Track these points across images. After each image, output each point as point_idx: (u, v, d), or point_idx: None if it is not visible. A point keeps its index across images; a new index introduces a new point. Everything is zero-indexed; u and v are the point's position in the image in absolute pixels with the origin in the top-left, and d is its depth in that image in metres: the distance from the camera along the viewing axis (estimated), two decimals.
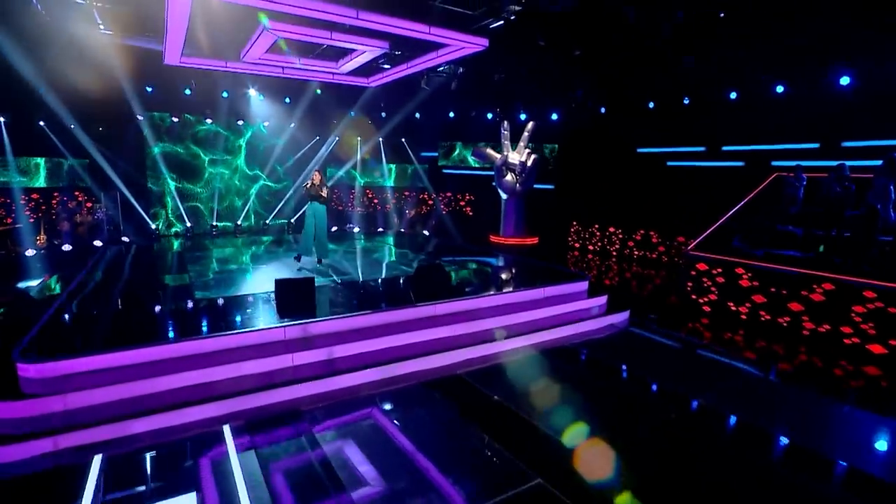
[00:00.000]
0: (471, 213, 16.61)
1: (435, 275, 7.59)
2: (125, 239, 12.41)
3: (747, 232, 9.35)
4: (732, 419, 4.93)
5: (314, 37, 7.82)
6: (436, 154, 16.80)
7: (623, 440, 4.44)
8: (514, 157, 13.48)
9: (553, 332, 6.95)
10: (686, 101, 12.04)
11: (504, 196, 13.74)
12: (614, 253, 13.17)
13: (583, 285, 8.31)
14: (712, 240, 9.20)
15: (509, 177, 13.54)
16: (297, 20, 7.44)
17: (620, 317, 7.68)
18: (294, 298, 6.47)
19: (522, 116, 14.78)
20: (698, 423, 4.84)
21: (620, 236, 13.17)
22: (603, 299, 8.05)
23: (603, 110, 13.68)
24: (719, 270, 8.49)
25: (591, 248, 13.62)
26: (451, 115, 15.52)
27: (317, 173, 8.80)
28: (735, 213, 9.85)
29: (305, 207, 8.95)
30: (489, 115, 15.30)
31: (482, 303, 7.30)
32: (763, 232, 9.24)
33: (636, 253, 12.74)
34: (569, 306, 7.68)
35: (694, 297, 8.75)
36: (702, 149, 12.38)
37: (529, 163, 13.28)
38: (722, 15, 8.35)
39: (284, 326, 5.93)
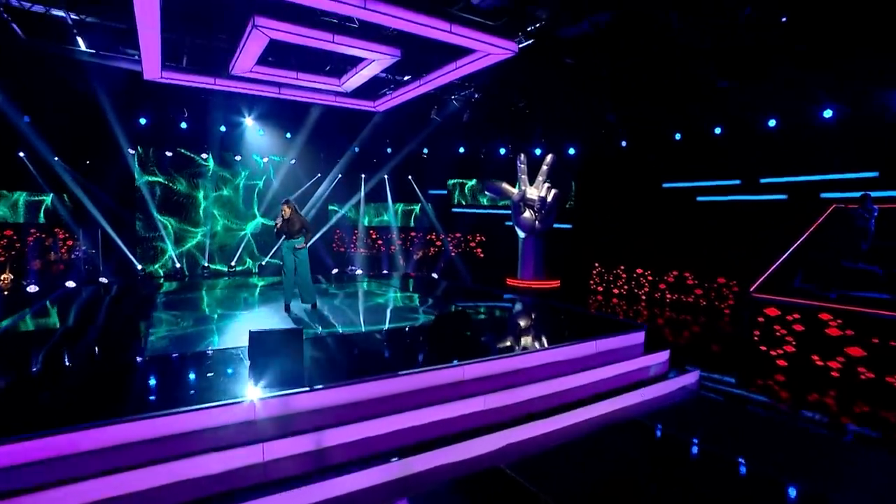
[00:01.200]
0: (482, 255, 14.93)
1: (458, 325, 5.74)
2: (103, 280, 10.59)
3: (811, 271, 7.64)
4: None
5: (313, 38, 6.28)
6: (444, 192, 15.34)
7: None
8: (533, 193, 11.90)
9: (615, 402, 5.04)
10: (718, 131, 10.53)
11: (522, 235, 12.09)
12: (643, 297, 11.37)
13: (638, 337, 6.43)
14: (769, 280, 7.47)
15: (528, 214, 11.91)
16: (292, 16, 5.91)
17: (690, 377, 5.77)
18: (273, 358, 4.59)
19: (538, 151, 13.31)
20: None
21: (650, 278, 11.39)
22: (664, 355, 6.16)
23: (624, 144, 12.17)
24: (796, 316, 6.67)
25: (616, 290, 11.84)
26: (461, 150, 14.04)
27: (286, 206, 7.09)
28: (793, 250, 8.12)
29: (280, 246, 7.19)
30: (502, 151, 13.80)
31: (521, 362, 5.42)
32: (833, 270, 7.53)
33: (669, 296, 10.94)
34: (628, 365, 5.78)
35: (765, 347, 6.89)
36: (737, 182, 10.79)
37: (550, 198, 11.67)
38: (784, 20, 6.85)
39: (256, 401, 4.03)
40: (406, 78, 9.81)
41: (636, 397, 5.22)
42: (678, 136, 11.21)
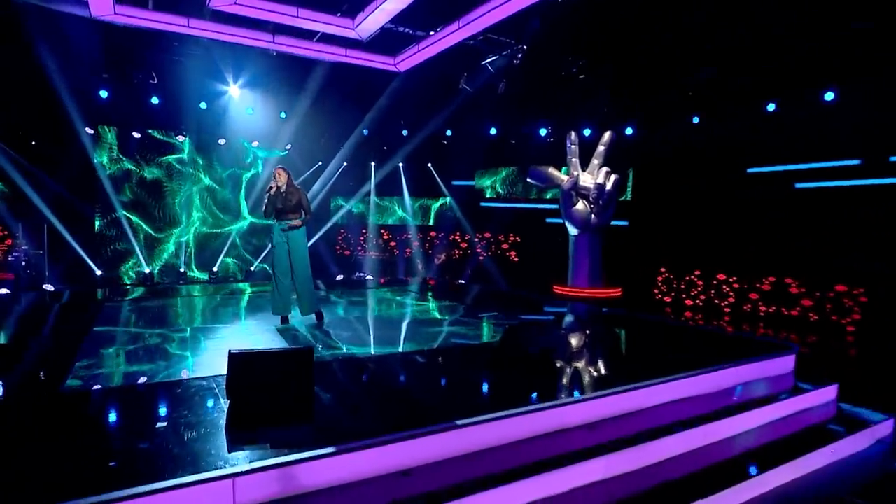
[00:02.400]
0: (516, 259, 13.64)
1: (530, 345, 4.33)
2: (48, 287, 9.27)
3: None
4: None
5: None
6: (472, 183, 14.08)
7: None
8: (587, 179, 10.55)
9: (786, 471, 3.58)
10: (830, 96, 9.09)
11: (573, 232, 10.73)
12: (727, 309, 9.99)
13: (785, 363, 4.96)
14: None
15: (581, 205, 10.54)
16: None
17: (884, 427, 4.29)
18: (266, 395, 3.21)
19: (587, 132, 11.96)
20: None
21: (736, 286, 9.96)
22: (830, 391, 4.69)
23: (696, 119, 10.80)
24: None
25: (689, 302, 10.48)
26: (493, 131, 12.76)
27: (281, 170, 5.97)
28: None
29: (270, 233, 6.09)
30: (542, 132, 12.53)
31: (639, 399, 3.98)
32: None
33: (764, 308, 9.53)
34: (785, 407, 4.32)
35: None
36: (855, 162, 9.32)
37: (609, 185, 10.30)
38: None
39: (235, 474, 2.60)
40: (433, 33, 8.54)
41: (820, 458, 3.75)
42: (772, 107, 9.79)
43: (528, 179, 11.07)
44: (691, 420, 3.90)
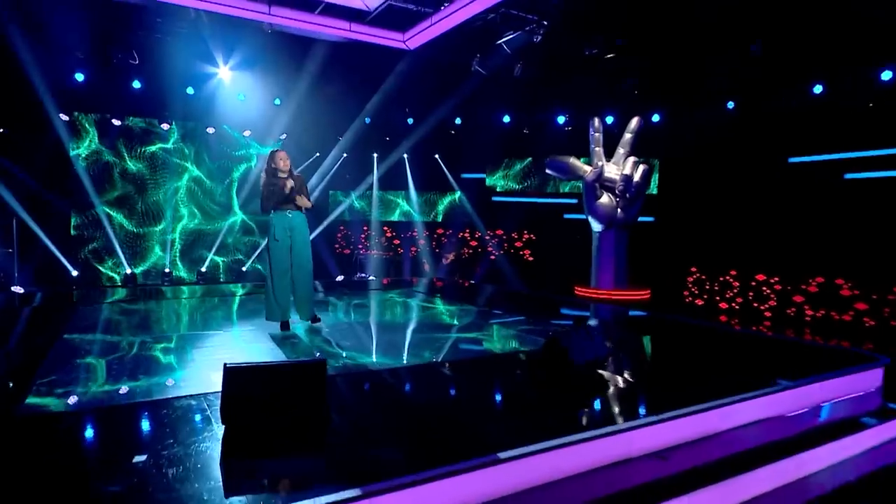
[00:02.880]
0: (531, 258, 13.22)
1: (577, 354, 3.85)
2: (17, 289, 8.78)
3: None
4: None
5: None
6: (482, 176, 13.58)
7: None
8: (613, 170, 10.09)
9: None
10: (888, 76, 8.62)
11: (597, 228, 10.29)
12: (768, 313, 9.49)
13: (871, 378, 4.45)
14: None
15: (606, 199, 10.08)
16: None
17: None
18: (271, 418, 2.74)
19: (609, 120, 11.51)
20: None
21: (777, 287, 9.48)
22: None
23: (731, 104, 10.33)
24: None
25: (724, 305, 10.01)
26: (506, 119, 12.32)
27: (285, 156, 5.64)
28: None
29: (270, 225, 5.69)
30: (560, 120, 12.09)
31: (713, 421, 3.47)
32: None
33: (810, 312, 9.03)
34: (879, 432, 3.82)
35: None
36: None
37: (637, 176, 9.83)
38: None
39: None
40: (446, 5, 8.07)
41: None
42: (819, 89, 9.32)
43: (548, 171, 10.61)
44: (774, 447, 3.41)
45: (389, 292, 9.60)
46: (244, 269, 11.71)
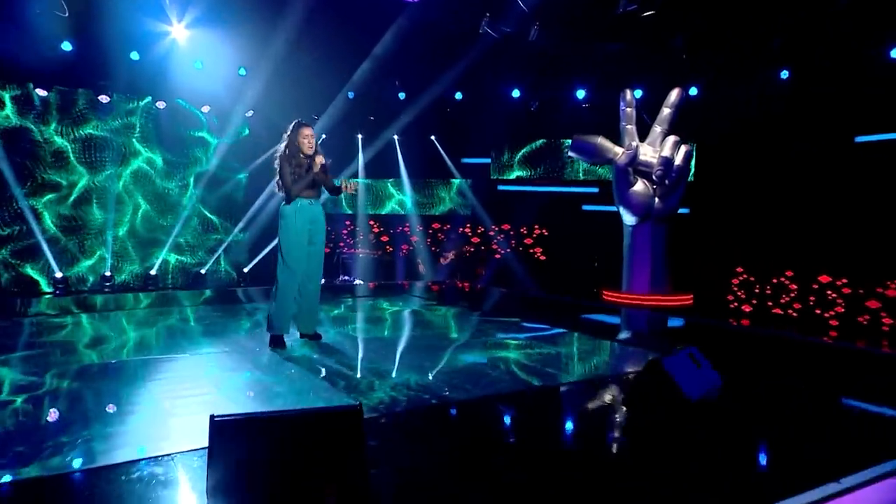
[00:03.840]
0: (543, 257, 12.64)
1: (692, 384, 3.00)
2: None
3: None
4: None
5: None
6: (487, 161, 12.95)
7: None
8: (648, 153, 9.33)
9: None
10: None
11: (630, 221, 9.54)
12: (834, 321, 8.80)
13: None
14: None
15: (640, 186, 9.33)
16: None
17: None
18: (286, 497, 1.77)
19: (638, 94, 10.77)
20: None
21: (846, 291, 8.78)
22: None
23: (786, 74, 9.66)
24: None
25: (778, 311, 9.34)
26: (516, 93, 11.53)
27: (309, 130, 5.47)
28: None
29: (280, 222, 5.34)
30: (580, 94, 11.32)
31: None
32: None
33: (888, 321, 8.29)
34: None
35: None
36: None
37: (679, 159, 9.07)
38: None
39: None
40: None
41: None
42: (894, 53, 8.64)
43: (571, 153, 9.86)
44: None
45: (384, 299, 8.96)
46: (203, 271, 10.78)
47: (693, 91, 10.52)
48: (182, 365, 4.71)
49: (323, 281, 5.80)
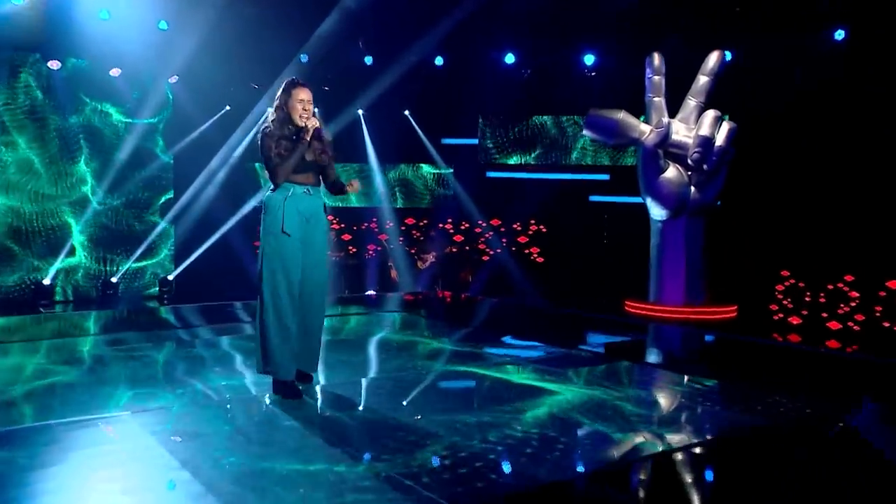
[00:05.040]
0: (540, 260, 12.64)
1: None
2: None
3: None
4: None
5: None
6: (474, 141, 12.97)
7: None
8: (681, 130, 8.92)
9: None
10: None
11: (659, 215, 9.18)
12: None
13: None
14: None
15: (673, 172, 8.89)
16: None
17: None
18: None
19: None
20: None
21: None
22: None
23: (841, 35, 9.52)
24: None
25: (835, 324, 9.07)
26: (511, 58, 11.40)
27: (305, 91, 4.89)
28: None
29: (262, 218, 4.86)
30: (589, 60, 11.10)
31: None
32: None
33: None
34: None
35: None
36: None
37: (721, 139, 8.66)
38: None
39: None
40: None
41: None
42: None
43: (586, 132, 9.50)
44: None
45: (363, 315, 8.69)
46: (114, 279, 10.02)
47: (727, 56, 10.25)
48: (88, 439, 3.58)
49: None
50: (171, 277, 10.23)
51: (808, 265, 9.64)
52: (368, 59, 11.33)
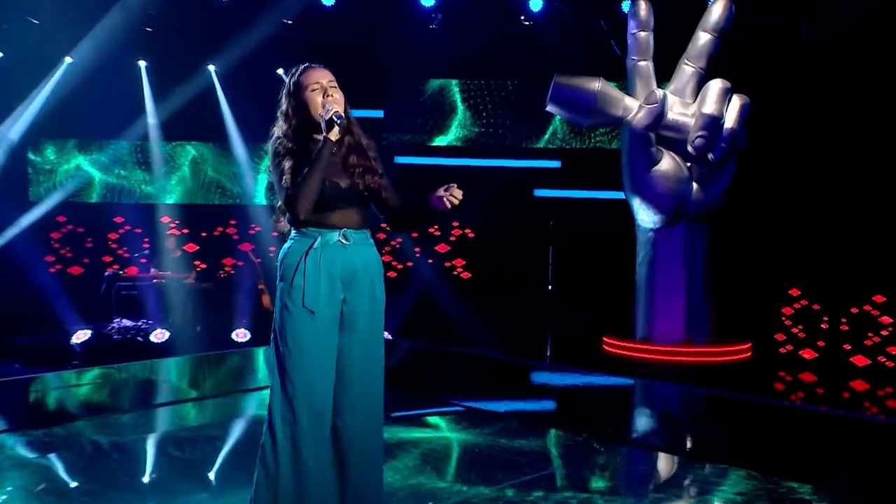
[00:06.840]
0: (467, 276, 12.72)
1: None
2: None
3: None
4: None
5: None
6: (378, 114, 12.79)
7: None
8: (676, 107, 8.57)
9: None
10: None
11: (650, 221, 8.80)
12: None
13: None
14: None
15: (669, 163, 8.51)
16: None
17: None
18: None
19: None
20: None
21: None
22: None
23: None
24: None
25: (865, 359, 8.98)
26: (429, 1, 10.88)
27: (326, 74, 3.26)
28: None
29: (278, 283, 3.41)
30: (535, 2, 10.76)
31: None
32: None
33: None
34: None
35: None
36: None
37: (730, 119, 8.32)
38: None
39: None
40: None
41: None
42: None
43: (551, 108, 8.88)
44: None
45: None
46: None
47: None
48: None
49: (84, 334, 6.07)
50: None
51: (823, 283, 9.67)
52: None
